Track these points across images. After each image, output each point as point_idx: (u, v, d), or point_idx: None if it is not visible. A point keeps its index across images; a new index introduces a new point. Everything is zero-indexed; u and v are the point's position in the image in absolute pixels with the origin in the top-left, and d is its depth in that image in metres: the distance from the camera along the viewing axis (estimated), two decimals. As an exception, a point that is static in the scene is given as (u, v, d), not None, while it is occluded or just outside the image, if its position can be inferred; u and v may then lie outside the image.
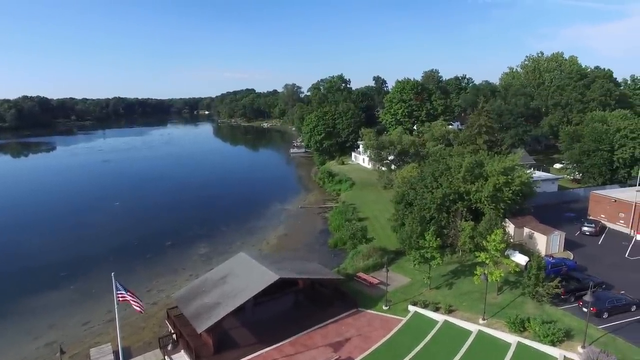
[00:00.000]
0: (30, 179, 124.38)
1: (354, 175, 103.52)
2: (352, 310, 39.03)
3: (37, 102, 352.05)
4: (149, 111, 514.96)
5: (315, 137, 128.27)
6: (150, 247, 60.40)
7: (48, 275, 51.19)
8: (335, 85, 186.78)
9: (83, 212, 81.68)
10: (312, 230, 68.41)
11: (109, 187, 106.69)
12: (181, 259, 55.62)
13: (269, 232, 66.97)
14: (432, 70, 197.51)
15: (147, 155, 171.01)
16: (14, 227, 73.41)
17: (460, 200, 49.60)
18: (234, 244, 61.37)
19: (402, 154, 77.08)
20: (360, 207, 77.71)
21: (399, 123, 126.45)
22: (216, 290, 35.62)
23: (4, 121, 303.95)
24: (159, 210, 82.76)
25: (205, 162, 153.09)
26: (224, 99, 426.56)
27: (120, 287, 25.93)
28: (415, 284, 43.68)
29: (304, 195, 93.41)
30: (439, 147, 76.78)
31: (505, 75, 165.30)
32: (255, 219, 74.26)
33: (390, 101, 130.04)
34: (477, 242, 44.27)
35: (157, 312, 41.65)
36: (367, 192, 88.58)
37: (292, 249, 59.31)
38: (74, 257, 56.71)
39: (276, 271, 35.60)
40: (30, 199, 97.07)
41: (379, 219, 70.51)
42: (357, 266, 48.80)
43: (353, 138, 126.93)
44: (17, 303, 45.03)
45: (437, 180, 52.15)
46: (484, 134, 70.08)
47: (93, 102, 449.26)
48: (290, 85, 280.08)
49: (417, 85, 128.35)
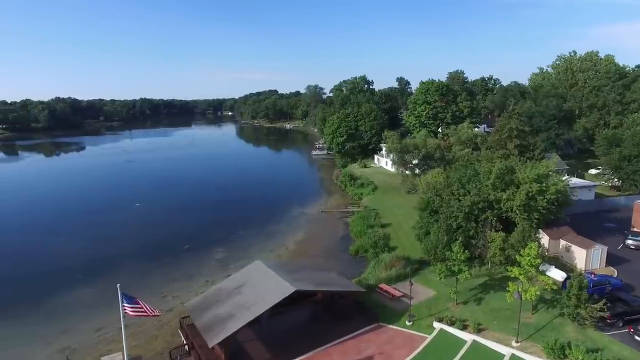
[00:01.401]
0: (57, 178, 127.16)
1: (377, 179, 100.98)
2: (373, 324, 36.80)
3: (68, 103, 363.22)
4: (174, 112, 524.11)
5: (337, 139, 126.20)
6: (168, 250, 59.65)
7: (65, 277, 50.90)
8: (357, 86, 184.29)
9: (104, 213, 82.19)
10: (332, 235, 66.37)
11: (131, 187, 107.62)
12: (198, 264, 54.53)
13: (288, 237, 65.30)
14: (457, 71, 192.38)
15: (170, 155, 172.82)
16: (36, 227, 74.21)
17: (489, 208, 46.61)
18: (252, 248, 59.95)
19: (427, 158, 73.98)
20: (383, 212, 75.23)
21: (423, 125, 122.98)
22: (230, 300, 34.06)
23: (37, 122, 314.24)
24: (179, 211, 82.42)
25: (226, 163, 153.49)
26: (247, 100, 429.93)
27: (125, 300, 24.49)
28: (440, 298, 41.06)
29: (324, 198, 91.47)
30: (466, 152, 73.51)
31: (535, 76, 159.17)
32: (274, 222, 72.77)
33: (414, 103, 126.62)
34: (509, 254, 41.33)
35: (171, 319, 40.46)
36: (390, 196, 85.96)
37: (311, 256, 57.41)
38: (91, 259, 56.46)
39: (292, 282, 33.79)
40: (55, 198, 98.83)
41: (402, 226, 67.92)
42: (379, 276, 46.52)
43: (376, 140, 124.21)
44: (33, 305, 44.80)
45: (464, 187, 49.28)
46: (515, 138, 66.41)
47: (120, 103, 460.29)
48: (312, 87, 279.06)
49: (442, 86, 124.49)
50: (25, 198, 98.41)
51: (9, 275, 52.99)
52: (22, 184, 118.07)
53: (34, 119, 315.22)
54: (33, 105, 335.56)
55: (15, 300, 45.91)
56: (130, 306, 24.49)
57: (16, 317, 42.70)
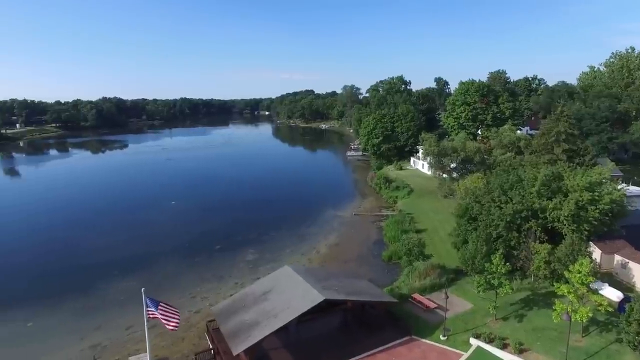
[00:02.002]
0: (100, 175, 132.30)
1: (413, 182, 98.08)
2: (405, 337, 35.00)
3: (114, 103, 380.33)
4: (213, 111, 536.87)
5: (372, 140, 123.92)
6: (200, 250, 60.11)
7: (102, 273, 52.35)
8: (394, 86, 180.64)
9: (141, 210, 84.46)
10: (365, 240, 64.67)
11: (167, 185, 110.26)
12: (228, 265, 54.46)
13: (320, 240, 64.19)
14: (499, 71, 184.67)
15: (207, 154, 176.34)
16: (78, 222, 77.14)
17: (533, 218, 43.51)
18: (283, 251, 59.32)
19: (466, 161, 70.47)
20: (419, 217, 72.73)
21: (462, 127, 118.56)
22: (257, 307, 33.31)
23: (86, 120, 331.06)
24: (213, 210, 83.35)
25: (262, 162, 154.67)
26: (284, 100, 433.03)
27: (150, 304, 24.12)
28: (478, 312, 38.61)
29: (358, 201, 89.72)
30: (508, 156, 69.50)
31: (585, 75, 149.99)
32: (306, 224, 71.92)
33: (453, 104, 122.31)
34: (555, 268, 38.27)
35: (198, 321, 40.33)
36: (426, 200, 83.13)
37: (343, 261, 56.02)
38: (127, 256, 57.78)
39: (321, 290, 32.61)
40: (96, 194, 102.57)
41: (439, 231, 65.30)
42: (413, 286, 44.50)
43: (412, 142, 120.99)
44: (72, 299, 46.32)
45: (506, 193, 46.34)
46: (563, 142, 61.97)
47: (162, 103, 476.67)
48: (349, 87, 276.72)
49: (482, 86, 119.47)
50: (69, 194, 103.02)
51: (55, 269, 55.37)
52: (69, 181, 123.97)
53: (83, 118, 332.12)
54: (83, 105, 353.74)
55: (58, 293, 47.71)
56: (151, 311, 24.11)
57: (57, 309, 44.34)
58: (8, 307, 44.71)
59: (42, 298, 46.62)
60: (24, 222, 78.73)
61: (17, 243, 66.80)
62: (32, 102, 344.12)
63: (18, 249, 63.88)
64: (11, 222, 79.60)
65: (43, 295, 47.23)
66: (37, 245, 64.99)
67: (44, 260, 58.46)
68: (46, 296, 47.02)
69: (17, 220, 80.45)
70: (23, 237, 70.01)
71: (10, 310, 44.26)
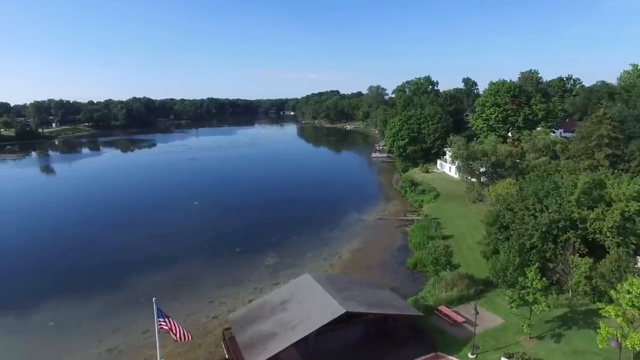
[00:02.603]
0: (127, 173, 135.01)
1: (439, 186, 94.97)
2: (430, 354, 32.95)
3: (143, 103, 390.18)
4: (239, 111, 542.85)
5: (398, 142, 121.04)
6: (220, 252, 59.46)
7: (121, 274, 52.30)
8: (421, 87, 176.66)
9: (163, 210, 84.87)
10: (389, 245, 62.49)
11: (191, 185, 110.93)
12: (248, 269, 53.38)
13: (343, 245, 62.39)
14: (531, 70, 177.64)
15: (232, 154, 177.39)
16: (100, 220, 78.13)
17: (572, 228, 40.43)
18: (304, 256, 57.86)
19: (496, 165, 66.96)
20: (445, 222, 70.04)
21: (492, 129, 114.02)
22: (274, 317, 31.92)
23: (116, 120, 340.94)
24: (235, 211, 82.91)
25: (285, 162, 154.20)
26: (309, 100, 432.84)
27: (161, 315, 23.03)
28: (509, 328, 36.05)
29: (383, 204, 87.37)
30: (542, 160, 65.69)
31: (627, 74, 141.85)
32: (329, 228, 70.26)
33: (482, 105, 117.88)
34: (597, 284, 35.25)
35: (215, 327, 39.34)
36: (452, 205, 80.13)
37: (366, 267, 54.08)
38: (147, 257, 57.68)
39: (342, 302, 30.93)
40: (121, 193, 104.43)
41: (466, 238, 62.55)
42: (439, 297, 42.18)
43: (439, 144, 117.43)
44: (90, 299, 46.32)
45: (541, 201, 43.42)
46: (606, 147, 57.91)
47: (189, 103, 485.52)
48: (374, 87, 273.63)
49: (514, 87, 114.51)
50: (96, 192, 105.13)
51: (78, 266, 55.94)
52: (97, 179, 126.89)
53: (114, 118, 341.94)
54: (114, 105, 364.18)
55: (79, 292, 48.04)
56: (162, 321, 23.01)
57: (78, 309, 44.51)
58: (34, 305, 45.13)
59: (64, 296, 47.16)
60: (53, 219, 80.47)
61: (46, 239, 68.16)
62: (67, 102, 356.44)
63: (46, 245, 65.10)
64: (42, 218, 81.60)
65: (65, 293, 47.80)
66: (63, 242, 66.39)
67: (68, 258, 59.36)
68: (68, 294, 47.49)
69: (47, 217, 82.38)
70: (51, 233, 71.42)
71: (35, 307, 44.68)
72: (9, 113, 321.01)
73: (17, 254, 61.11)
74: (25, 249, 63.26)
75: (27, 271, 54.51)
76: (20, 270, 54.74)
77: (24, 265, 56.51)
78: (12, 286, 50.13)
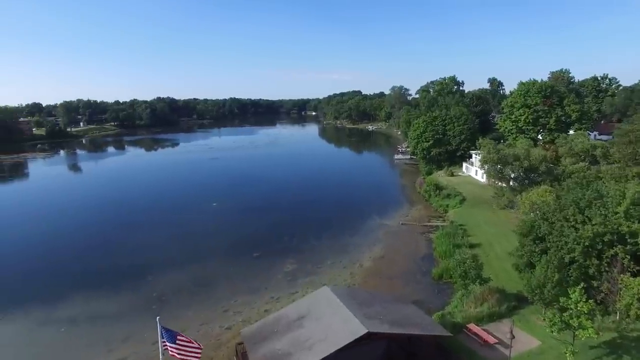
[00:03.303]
0: (148, 173, 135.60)
1: (465, 190, 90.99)
2: (459, 379, 30.00)
3: (167, 102, 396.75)
4: (260, 111, 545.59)
5: (422, 143, 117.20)
6: (237, 256, 57.65)
7: (135, 277, 51.24)
8: (446, 87, 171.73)
9: (181, 211, 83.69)
10: (413, 253, 59.42)
11: (210, 185, 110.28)
12: (265, 276, 51.27)
13: (364, 252, 59.66)
14: (561, 70, 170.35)
15: (252, 154, 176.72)
16: (116, 221, 77.48)
17: (620, 243, 36.59)
18: (324, 263, 55.41)
19: (529, 171, 62.60)
20: (472, 229, 66.54)
21: (521, 131, 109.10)
22: (290, 334, 29.63)
23: (141, 119, 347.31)
24: (254, 212, 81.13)
25: (305, 163, 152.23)
26: (331, 100, 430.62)
27: (166, 336, 20.97)
28: (548, 352, 32.71)
29: (406, 209, 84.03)
30: (581, 166, 61.24)
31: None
32: (349, 233, 67.64)
33: (511, 106, 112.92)
34: (651, 308, 31.51)
35: (229, 339, 37.36)
36: (480, 211, 76.28)
37: (388, 277, 51.25)
38: (162, 260, 56.41)
39: (364, 320, 28.46)
40: (140, 193, 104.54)
41: (494, 247, 58.97)
42: (468, 313, 39.01)
43: (465, 147, 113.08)
44: (103, 303, 45.32)
45: (583, 212, 39.69)
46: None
47: (212, 102, 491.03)
48: (397, 87, 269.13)
49: (545, 87, 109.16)
50: (117, 192, 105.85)
51: (92, 269, 54.86)
52: (119, 178, 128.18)
53: (139, 117, 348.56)
54: (138, 105, 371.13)
55: (92, 295, 47.07)
56: (171, 345, 20.91)
57: (90, 313, 43.39)
58: (49, 309, 44.49)
59: (78, 300, 46.23)
60: (72, 219, 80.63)
61: (63, 239, 68.08)
62: (94, 102, 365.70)
63: (62, 245, 64.92)
64: (60, 217, 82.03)
65: (79, 296, 46.94)
66: (80, 242, 66.34)
67: (84, 259, 58.38)
68: (82, 298, 46.59)
69: (66, 216, 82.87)
70: (69, 233, 71.38)
71: (50, 311, 43.99)
72: (41, 113, 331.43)
73: (30, 255, 60.69)
74: (39, 250, 62.98)
75: (41, 273, 54.07)
76: (34, 272, 54.28)
77: (37, 267, 55.96)
78: (26, 289, 49.40)
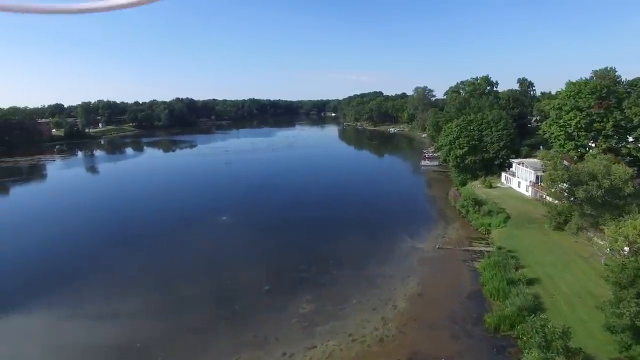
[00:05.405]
0: (161, 180, 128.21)
1: (508, 205, 79.51)
2: None
3: (185, 103, 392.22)
4: (279, 112, 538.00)
5: (455, 150, 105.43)
6: (244, 291, 47.89)
7: (113, 322, 42.10)
8: (479, 88, 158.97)
9: (188, 225, 73.98)
10: (456, 289, 48.83)
11: (221, 194, 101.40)
12: (276, 320, 41.43)
13: (396, 287, 49.17)
14: (607, 68, 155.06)
15: (270, 158, 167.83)
16: (110, 237, 69.05)
17: None
18: (348, 302, 45.22)
19: (610, 192, 49.91)
20: (523, 256, 56.14)
21: (570, 138, 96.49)
22: None
23: (159, 120, 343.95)
24: (266, 231, 71.08)
25: (325, 170, 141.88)
26: (351, 101, 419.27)
27: None
28: None
29: (441, 227, 72.79)
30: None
31: None
32: (376, 260, 57.24)
33: (558, 109, 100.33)
34: None
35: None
36: (528, 232, 65.35)
37: (429, 326, 40.85)
38: (151, 292, 47.32)
39: None
40: (146, 202, 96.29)
41: (557, 283, 48.13)
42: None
43: (504, 154, 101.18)
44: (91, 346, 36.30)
45: None
46: None
47: (231, 103, 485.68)
48: (420, 88, 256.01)
49: (600, 87, 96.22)
50: (123, 200, 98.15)
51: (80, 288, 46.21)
52: (131, 182, 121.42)
53: (157, 118, 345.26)
54: (157, 105, 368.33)
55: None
56: None
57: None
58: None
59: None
60: (60, 235, 72.79)
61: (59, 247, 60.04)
62: (113, 103, 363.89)
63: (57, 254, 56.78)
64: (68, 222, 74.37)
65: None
66: (58, 260, 57.64)
67: (49, 285, 50.02)
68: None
69: (69, 221, 75.12)
70: (58, 242, 63.32)
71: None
72: (62, 114, 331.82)
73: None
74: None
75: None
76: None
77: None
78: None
